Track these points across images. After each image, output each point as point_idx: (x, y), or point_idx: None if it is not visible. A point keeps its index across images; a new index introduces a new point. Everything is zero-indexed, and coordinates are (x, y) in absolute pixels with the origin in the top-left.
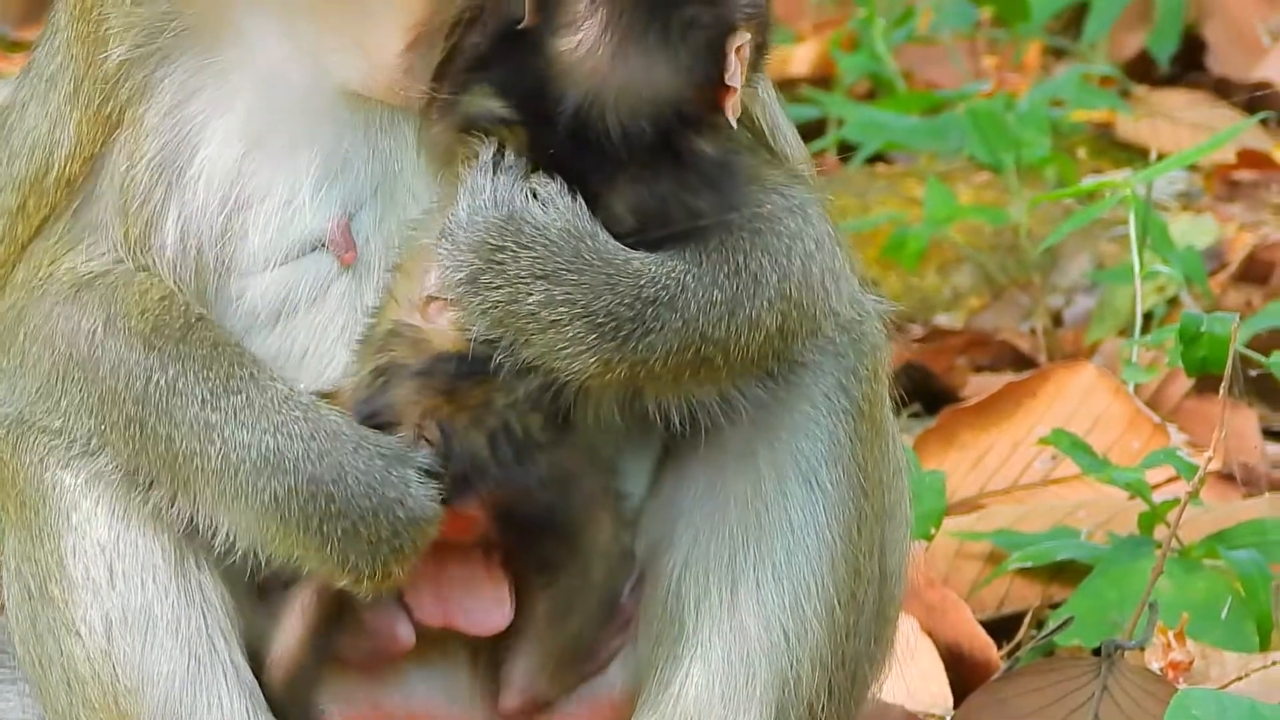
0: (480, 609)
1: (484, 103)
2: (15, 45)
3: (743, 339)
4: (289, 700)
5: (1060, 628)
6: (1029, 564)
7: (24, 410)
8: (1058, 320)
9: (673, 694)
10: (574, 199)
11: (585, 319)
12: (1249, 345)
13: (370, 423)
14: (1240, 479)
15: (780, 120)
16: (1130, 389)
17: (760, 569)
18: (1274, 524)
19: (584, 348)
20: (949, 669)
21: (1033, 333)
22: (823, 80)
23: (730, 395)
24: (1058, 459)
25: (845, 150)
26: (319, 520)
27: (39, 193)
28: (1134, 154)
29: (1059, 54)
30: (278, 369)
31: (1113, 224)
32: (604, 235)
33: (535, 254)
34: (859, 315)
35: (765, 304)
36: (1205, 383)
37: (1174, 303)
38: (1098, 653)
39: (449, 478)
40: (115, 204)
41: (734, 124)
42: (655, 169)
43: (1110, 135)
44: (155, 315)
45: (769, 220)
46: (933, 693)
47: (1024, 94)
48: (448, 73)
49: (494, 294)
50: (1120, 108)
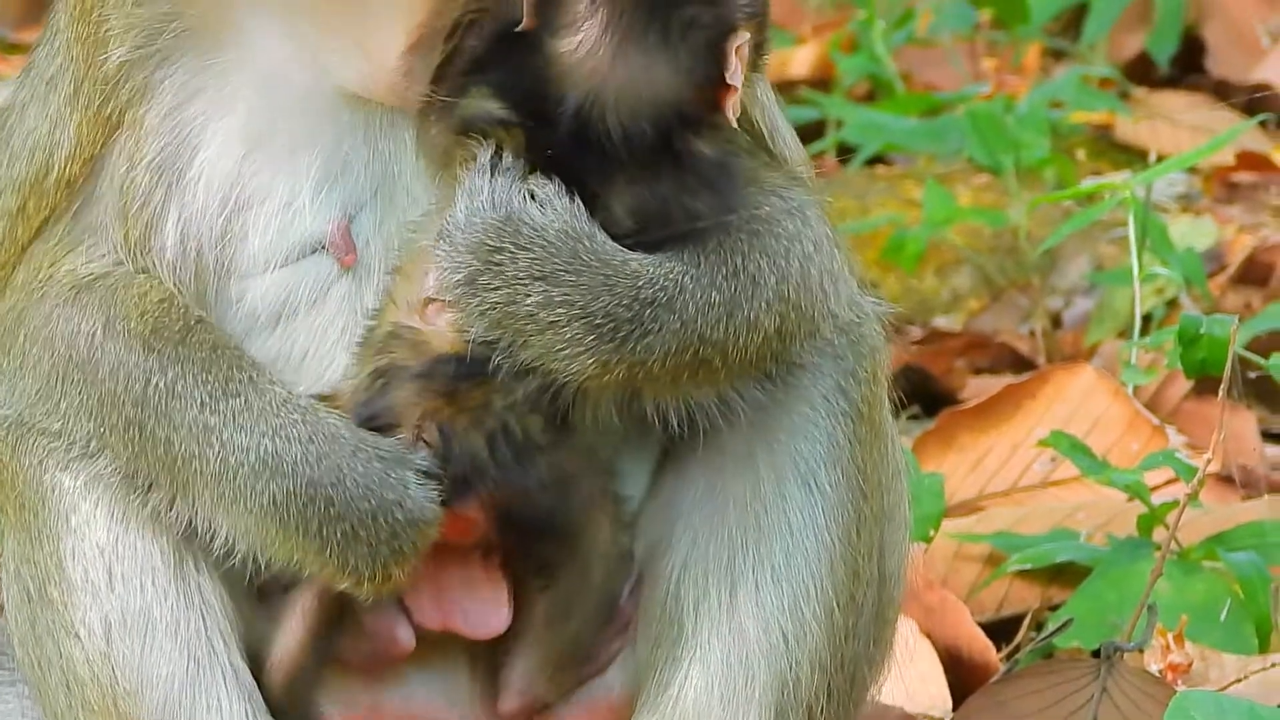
0: (479, 611)
1: (482, 104)
2: (14, 47)
3: (741, 341)
4: (289, 703)
5: (1059, 630)
6: (1028, 566)
7: (23, 412)
8: (1057, 322)
9: (671, 696)
10: (572, 200)
11: (583, 320)
12: (1248, 347)
13: (370, 425)
14: (1239, 481)
15: (779, 122)
16: (1129, 391)
17: (759, 571)
18: (1273, 526)
19: (582, 349)
20: (948, 671)
21: (1032, 335)
22: (822, 82)
23: (729, 397)
24: (1057, 461)
25: (844, 152)
26: (318, 523)
27: (39, 194)
28: (1133, 156)
29: (1058, 56)
30: (278, 371)
31: (1112, 226)
32: (602, 236)
33: (533, 255)
34: (858, 317)
35: (763, 306)
36: (1204, 385)
37: (1173, 305)
38: (1097, 655)
39: (448, 479)
40: (115, 206)
41: (734, 124)
42: (654, 170)
43: (1109, 137)
44: (154, 318)
45: (767, 222)
46: (932, 695)
47: (1023, 96)
48: (446, 75)
49: (492, 295)
50: (1120, 109)
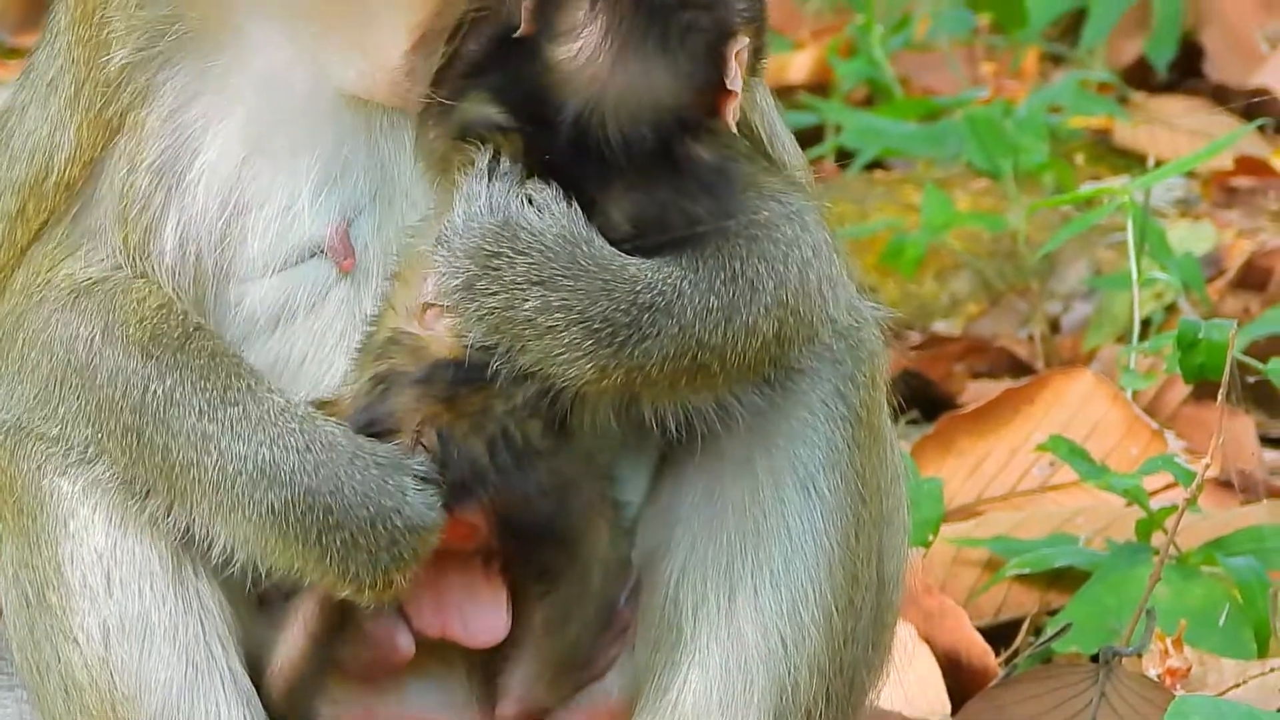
0: (479, 618)
1: (480, 109)
2: (12, 52)
3: (739, 345)
4: (288, 709)
5: (1058, 634)
6: (1027, 570)
7: (21, 417)
8: (1055, 327)
9: (670, 700)
10: (570, 205)
11: (581, 325)
12: (1247, 352)
13: (369, 431)
14: (1238, 486)
15: (778, 127)
16: (1128, 395)
17: (758, 575)
18: (1272, 531)
19: (580, 353)
20: (947, 676)
21: (1030, 339)
22: (820, 87)
23: (727, 402)
24: (1056, 465)
25: (843, 157)
26: (317, 532)
27: (38, 197)
28: (1132, 160)
29: (1057, 60)
30: (276, 375)
31: (1111, 230)
32: (600, 241)
33: (531, 260)
34: (856, 322)
35: (762, 310)
36: (1203, 389)
37: (1172, 309)
38: (1095, 659)
39: (448, 485)
40: (114, 209)
41: (734, 128)
42: (652, 175)
43: (1108, 142)
44: (153, 324)
45: (766, 227)
46: (930, 699)
47: (1022, 100)
48: (446, 78)
49: (490, 300)
50: (1118, 114)
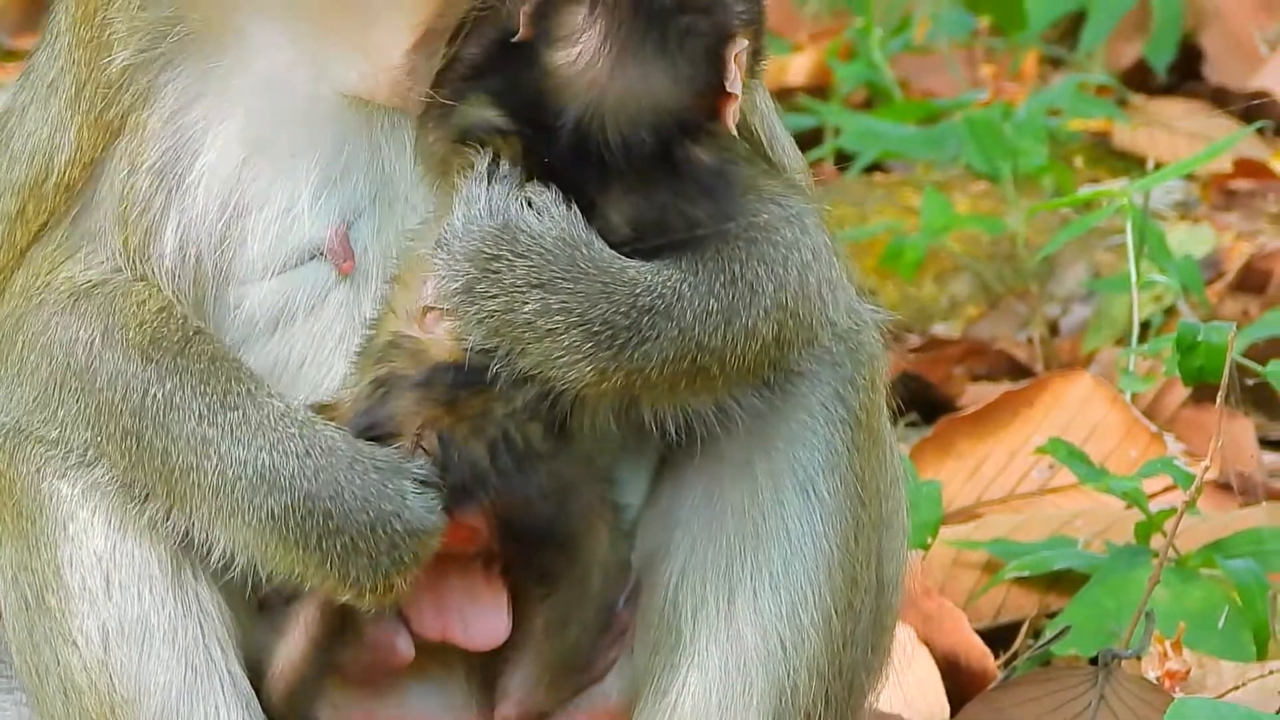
0: (479, 621)
1: (480, 112)
2: (11, 54)
3: (739, 348)
4: (288, 712)
5: (1057, 637)
6: (1026, 573)
7: (21, 419)
8: (1055, 329)
9: (670, 703)
10: (569, 208)
11: (581, 327)
12: (1246, 354)
13: (369, 434)
14: (1237, 488)
15: (778, 130)
16: (1127, 398)
17: (757, 578)
18: (1271, 533)
19: (580, 356)
20: (946, 678)
21: (1030, 342)
22: (819, 89)
23: (727, 405)
24: (1055, 468)
25: (842, 159)
26: (317, 537)
27: (38, 198)
28: (1131, 163)
29: (1056, 63)
30: (275, 378)
31: (1110, 233)
32: (599, 244)
33: (530, 263)
34: (856, 325)
35: (761, 313)
36: (1202, 392)
37: (1171, 312)
38: (1095, 662)
39: (448, 488)
40: (114, 211)
41: (734, 131)
42: (652, 178)
43: (1107, 144)
44: (153, 327)
45: (766, 230)
46: (929, 702)
47: (1021, 103)
48: (445, 81)
49: (490, 303)
50: (1117, 117)
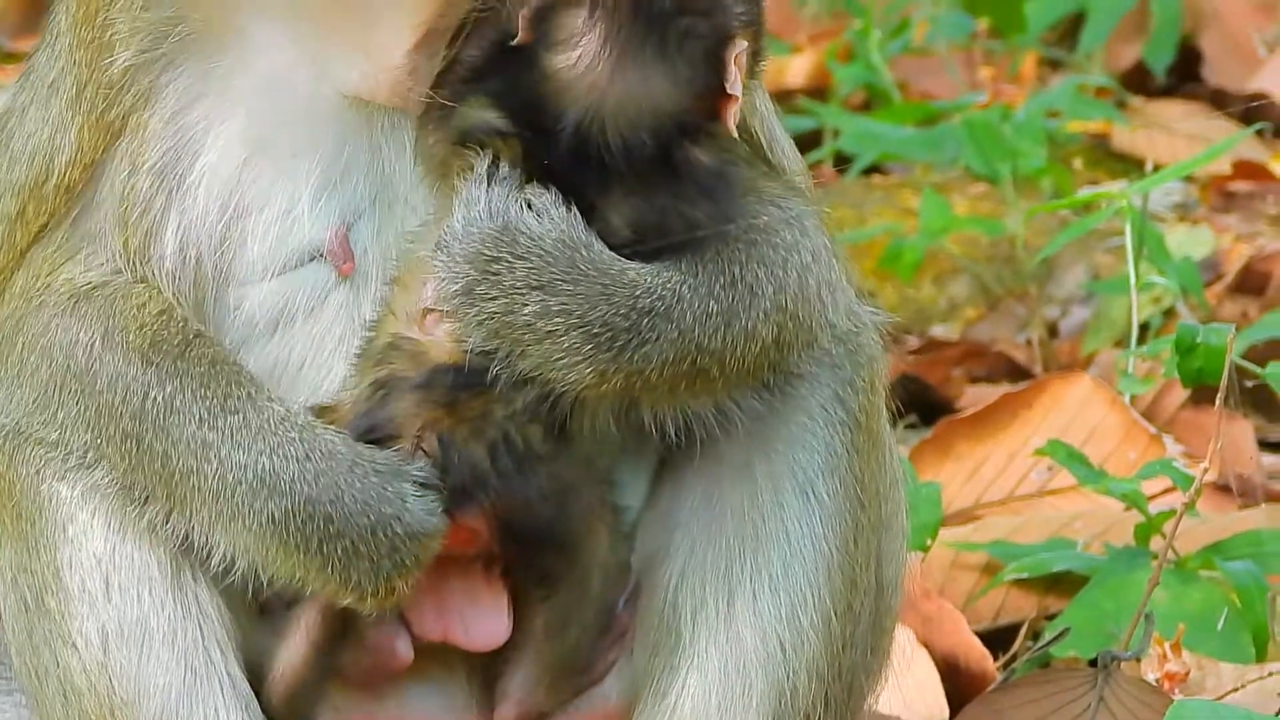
0: (480, 622)
1: (480, 114)
2: (10, 56)
3: (738, 350)
4: (289, 715)
5: (1056, 639)
6: (1025, 575)
7: (20, 421)
8: (1054, 331)
9: (669, 705)
10: (569, 210)
11: (581, 329)
12: (1245, 356)
13: (369, 436)
14: (1236, 490)
15: (778, 132)
16: (1126, 400)
17: (757, 580)
18: (1270, 535)
19: (580, 358)
20: (945, 680)
21: (1029, 344)
22: (818, 91)
23: (726, 407)
24: (1054, 470)
25: (841, 161)
26: (318, 541)
27: (38, 199)
28: (1130, 165)
29: (1055, 65)
30: (275, 379)
31: (1109, 235)
32: (599, 245)
33: (530, 265)
34: (855, 327)
35: (761, 315)
36: (1201, 394)
37: (1170, 314)
38: (1094, 664)
39: (448, 490)
40: (115, 213)
41: (734, 132)
42: (652, 180)
43: (1106, 146)
44: (153, 330)
45: (765, 232)
46: (929, 704)
47: (1020, 105)
48: (445, 82)
49: (490, 305)
50: (1116, 119)
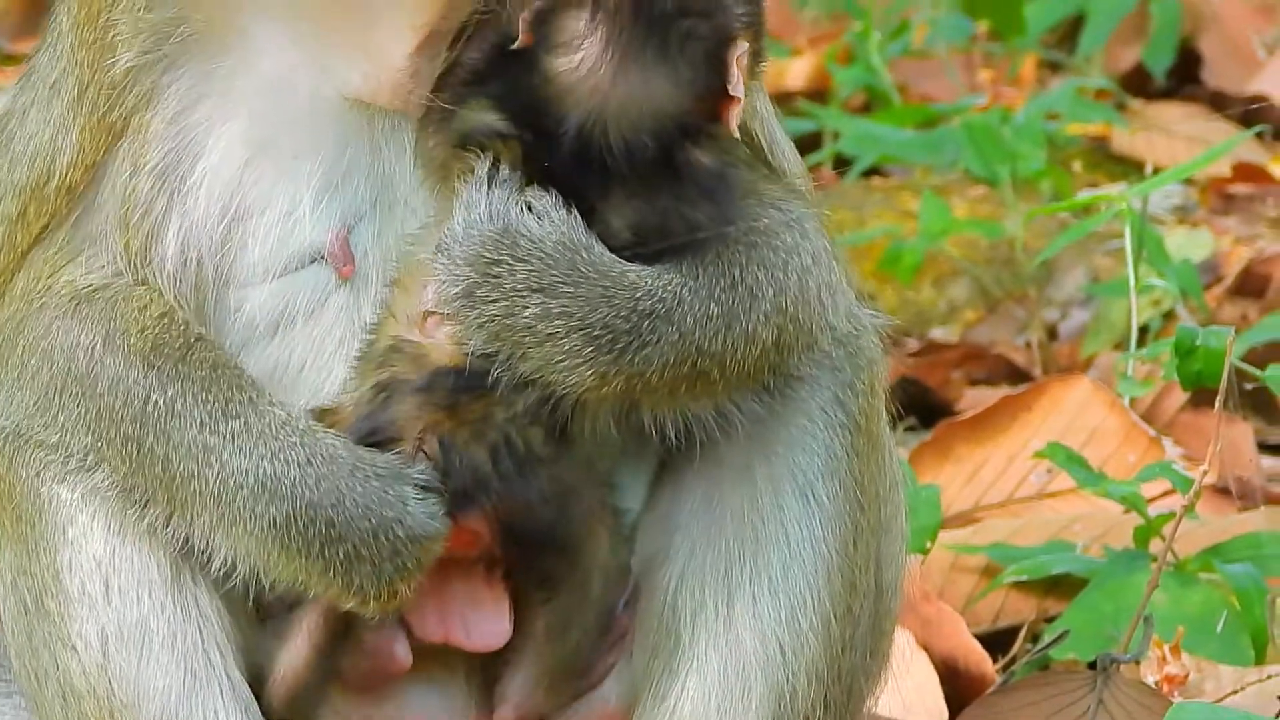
0: (481, 624)
1: (480, 116)
2: (10, 58)
3: (739, 353)
4: (290, 718)
5: (1055, 641)
6: (1024, 577)
7: (21, 423)
8: (1053, 334)
9: (669, 707)
10: (569, 212)
11: (582, 332)
12: (1245, 359)
13: (370, 439)
14: (1236, 493)
15: (778, 135)
16: (1126, 402)
17: (756, 582)
18: (1269, 537)
19: (580, 360)
20: (944, 683)
21: (1028, 346)
22: (818, 94)
23: (727, 409)
24: (1053, 472)
25: (841, 164)
26: (320, 545)
27: (39, 200)
28: (1129, 167)
29: (1054, 67)
30: (275, 382)
31: (1108, 237)
32: (600, 248)
33: (531, 267)
34: (855, 329)
35: (761, 318)
36: (1201, 396)
37: (1169, 316)
38: (1093, 666)
39: (450, 493)
40: (116, 214)
41: (735, 133)
42: (653, 182)
43: (1106, 149)
44: (155, 334)
45: (766, 234)
46: (928, 706)
47: (1019, 107)
48: (445, 85)
49: (490, 308)
50: (1116, 121)
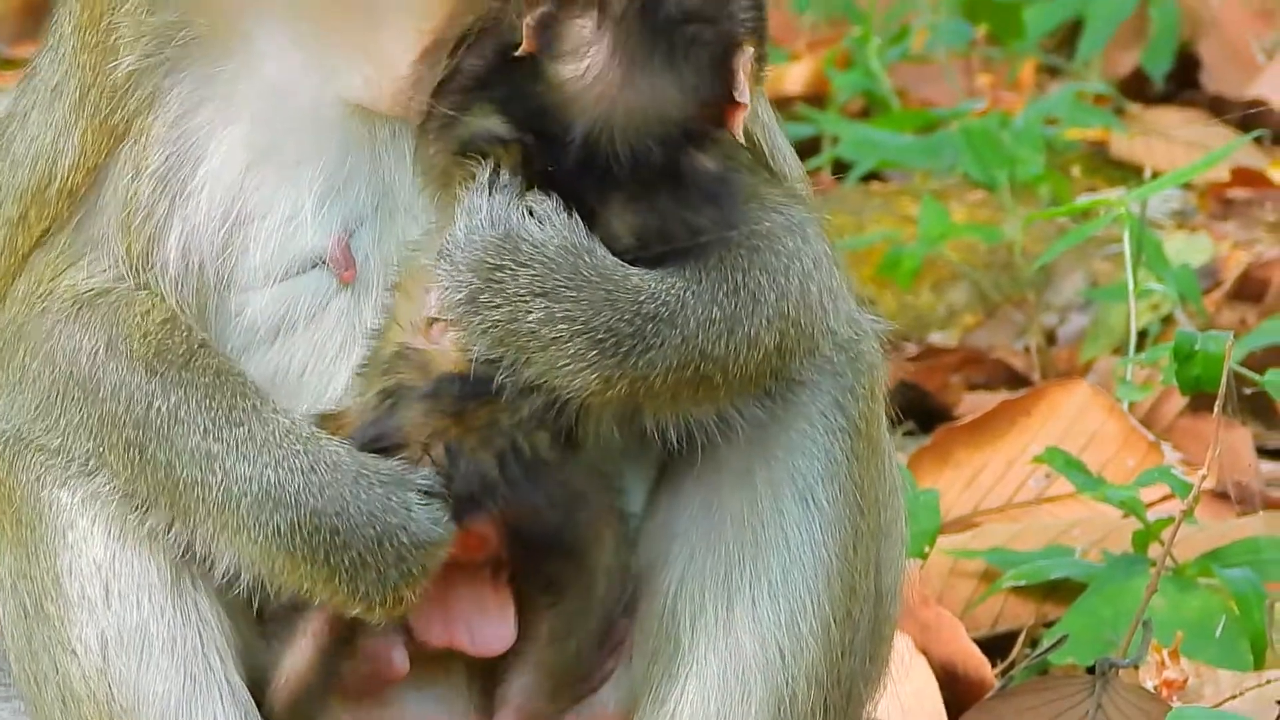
0: (486, 629)
1: (480, 122)
2: (9, 63)
3: (741, 357)
4: None
5: (1054, 646)
6: (1023, 582)
7: (22, 427)
8: (1052, 338)
9: (668, 712)
10: (570, 216)
11: (585, 335)
12: (1243, 363)
13: (376, 446)
14: (1235, 497)
15: (779, 140)
16: (1124, 407)
17: (756, 586)
18: (1268, 542)
19: (585, 364)
20: (943, 687)
21: (1027, 351)
22: (817, 98)
23: (728, 414)
24: (1052, 477)
25: (840, 168)
26: (325, 552)
27: (41, 203)
28: (1128, 172)
29: (1053, 72)
30: (276, 387)
31: (1107, 242)
32: (602, 251)
33: (533, 271)
34: (856, 334)
35: (764, 322)
36: (1200, 401)
37: (1168, 321)
38: (1092, 671)
39: (455, 498)
40: (117, 218)
41: (740, 138)
42: (656, 187)
43: (1104, 153)
44: (158, 340)
45: (767, 238)
46: (927, 711)
47: (1018, 112)
48: (445, 92)
49: (494, 313)
50: (1115, 126)
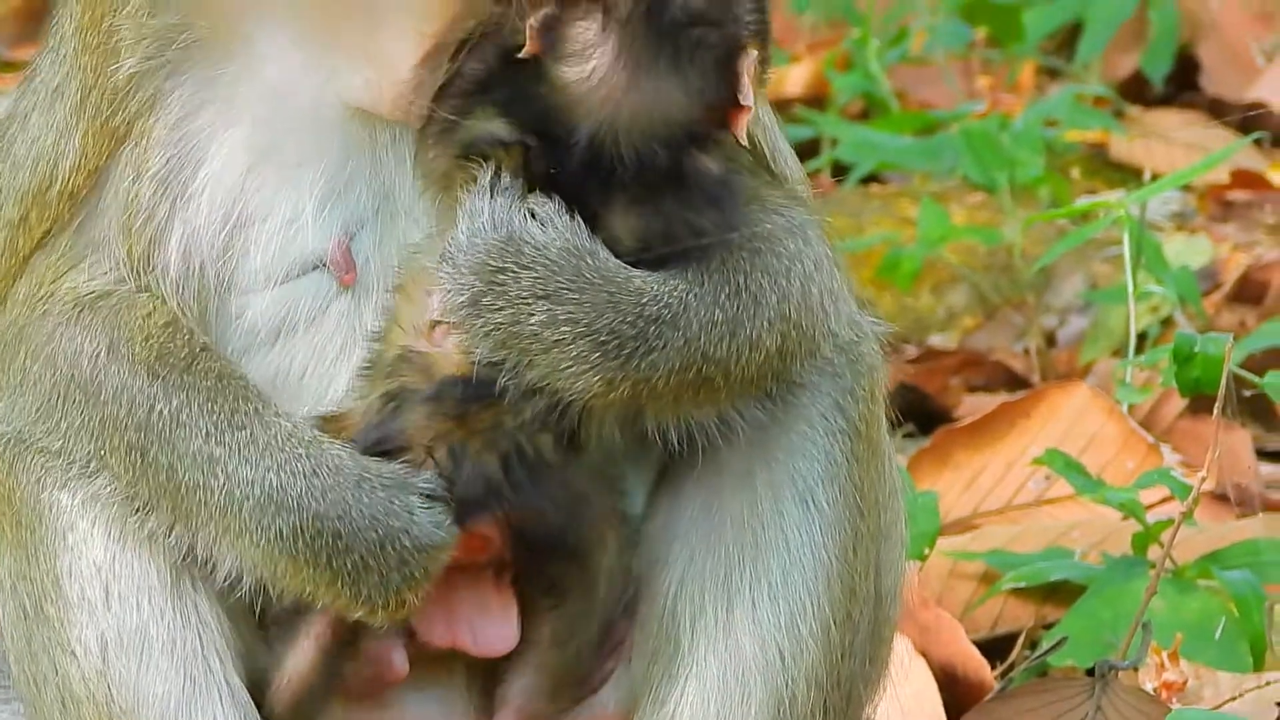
0: (488, 631)
1: (481, 125)
2: (9, 65)
3: (743, 359)
4: None
5: (1054, 648)
6: (1023, 584)
7: (22, 429)
8: (1051, 340)
9: (668, 713)
10: (572, 218)
11: (588, 337)
12: (1243, 365)
13: (379, 449)
14: (1234, 499)
15: (780, 143)
16: (1124, 409)
17: (756, 588)
18: (1268, 544)
19: (587, 366)
20: (943, 689)
21: (1026, 353)
22: (816, 100)
23: (729, 416)
24: (1051, 479)
25: (839, 170)
26: (327, 556)
27: (41, 205)
28: (1128, 174)
29: (1053, 74)
30: (277, 389)
31: (1106, 244)
32: (604, 253)
33: (536, 274)
34: (856, 336)
35: (765, 324)
36: (1199, 403)
37: (1168, 323)
38: (1091, 673)
39: (458, 500)
40: (118, 220)
41: (744, 141)
42: (658, 189)
43: (1104, 155)
44: (159, 343)
45: (769, 241)
46: (927, 713)
47: (1018, 114)
48: (446, 96)
49: (496, 316)
50: (1114, 128)
